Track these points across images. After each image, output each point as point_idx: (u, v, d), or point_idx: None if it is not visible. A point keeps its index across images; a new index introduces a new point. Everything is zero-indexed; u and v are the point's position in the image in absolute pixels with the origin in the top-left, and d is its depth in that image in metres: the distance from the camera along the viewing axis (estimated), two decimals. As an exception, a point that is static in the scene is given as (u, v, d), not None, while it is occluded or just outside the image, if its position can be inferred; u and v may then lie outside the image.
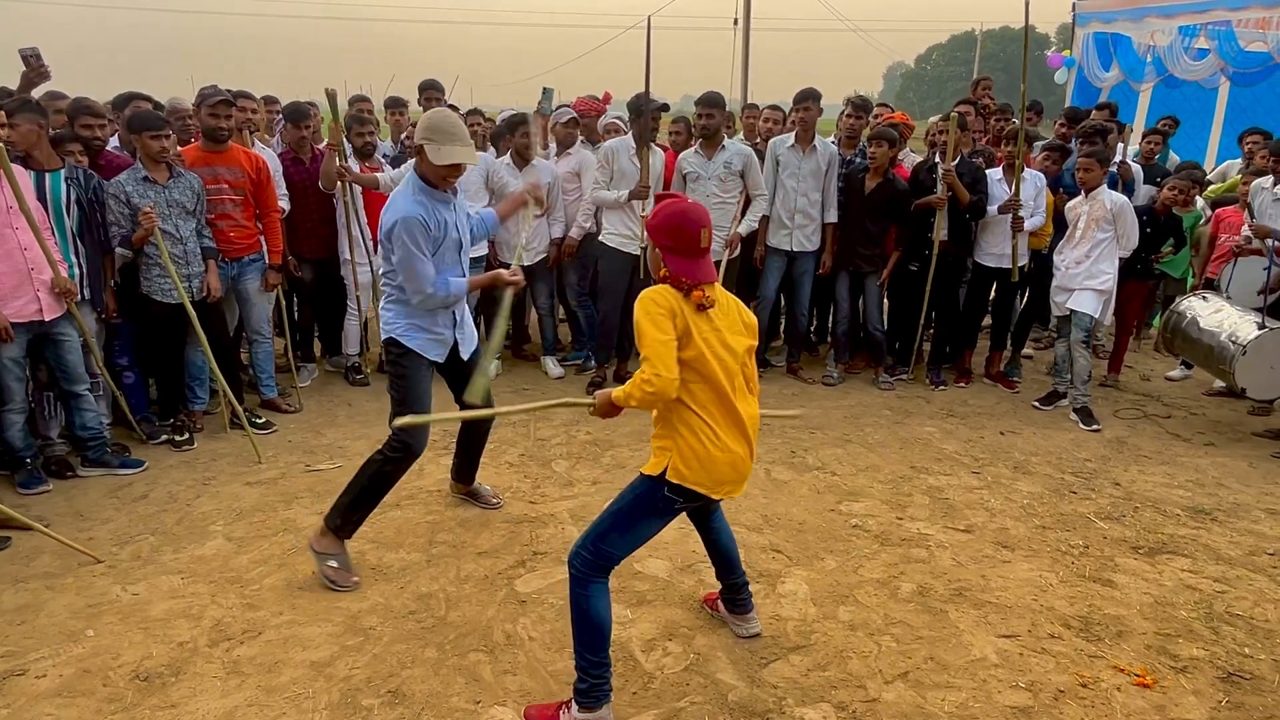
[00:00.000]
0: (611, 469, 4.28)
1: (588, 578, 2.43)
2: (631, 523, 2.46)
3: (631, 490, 2.49)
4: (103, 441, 4.18)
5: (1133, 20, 10.19)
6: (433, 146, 2.98)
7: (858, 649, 2.85)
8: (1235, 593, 3.22)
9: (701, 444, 2.35)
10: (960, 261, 5.51)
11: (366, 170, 5.29)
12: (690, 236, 2.38)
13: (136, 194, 4.19)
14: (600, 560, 2.45)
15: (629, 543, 2.48)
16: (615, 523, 2.46)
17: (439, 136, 3.00)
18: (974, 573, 3.34)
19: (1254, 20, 8.66)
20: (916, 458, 4.50)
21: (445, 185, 3.14)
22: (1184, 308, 5.10)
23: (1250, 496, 4.09)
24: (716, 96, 5.32)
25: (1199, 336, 4.90)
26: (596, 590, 2.44)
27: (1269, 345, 4.55)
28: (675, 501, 2.43)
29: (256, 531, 3.62)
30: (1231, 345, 4.63)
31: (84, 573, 3.27)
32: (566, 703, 2.47)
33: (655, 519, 2.49)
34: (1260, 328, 4.57)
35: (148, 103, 4.98)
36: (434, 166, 3.02)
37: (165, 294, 4.32)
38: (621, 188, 5.21)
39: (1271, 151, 5.15)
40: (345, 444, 4.59)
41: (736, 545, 2.89)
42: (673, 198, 2.51)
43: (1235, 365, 4.57)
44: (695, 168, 5.28)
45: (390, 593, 3.16)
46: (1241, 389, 4.61)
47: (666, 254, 2.41)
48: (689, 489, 2.38)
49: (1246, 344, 4.54)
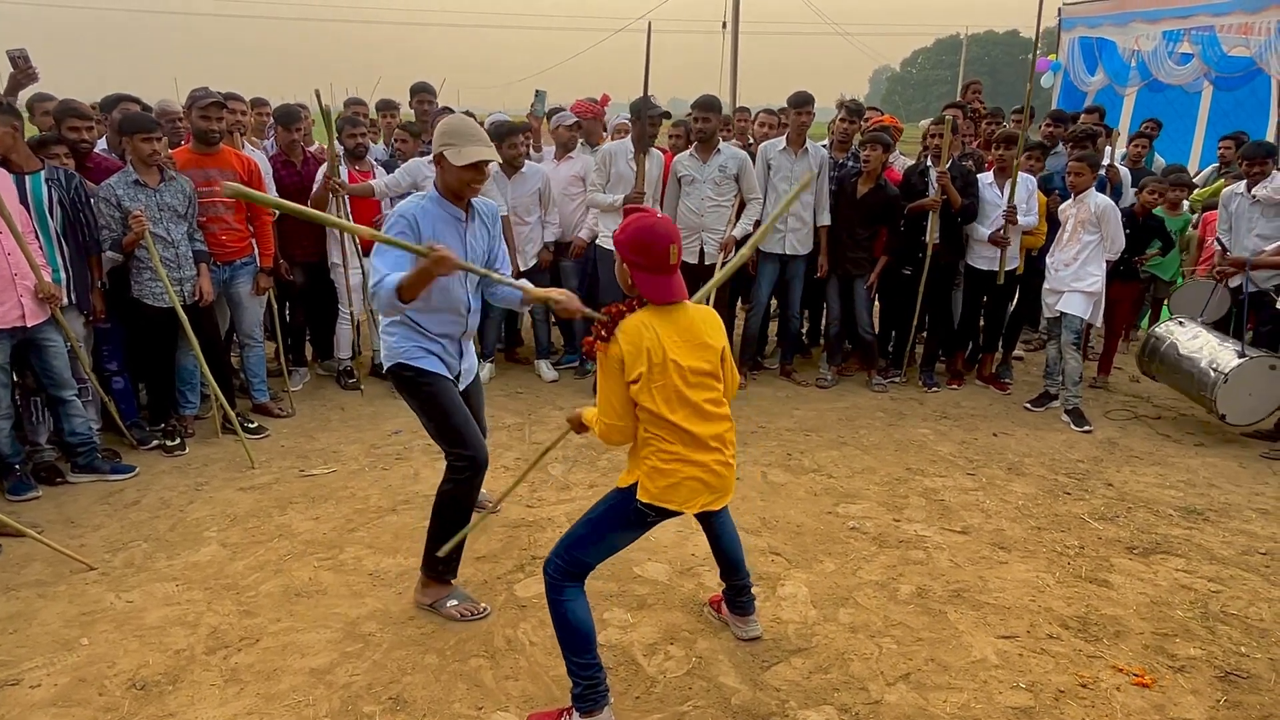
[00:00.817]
0: (608, 472, 4.27)
1: (561, 584, 2.43)
2: (604, 532, 2.46)
3: (605, 501, 2.48)
4: (92, 447, 4.13)
5: (1118, 25, 10.31)
6: (453, 150, 2.80)
7: (859, 651, 2.86)
8: (1230, 592, 3.25)
9: (670, 465, 2.32)
10: (953, 265, 5.55)
11: (357, 174, 5.25)
12: (659, 253, 2.28)
13: (127, 197, 4.14)
14: (572, 568, 2.44)
15: (601, 551, 2.48)
16: (589, 532, 2.45)
17: (458, 139, 2.82)
18: (972, 574, 3.36)
19: (1236, 26, 8.79)
20: (911, 459, 4.52)
21: (470, 192, 2.90)
22: (1163, 333, 5.18)
23: (1241, 496, 4.13)
24: (713, 100, 5.33)
25: (1178, 362, 4.99)
26: (571, 594, 2.43)
27: (1249, 374, 4.64)
28: (647, 515, 2.40)
29: (251, 537, 3.59)
30: (1213, 373, 4.71)
31: (77, 580, 3.23)
32: (568, 709, 2.46)
33: (628, 530, 2.47)
34: (1240, 356, 4.66)
35: (137, 104, 4.94)
36: (455, 171, 2.81)
37: (156, 298, 4.27)
38: (618, 191, 5.20)
39: (1244, 155, 5.21)
40: (339, 448, 4.56)
41: (741, 547, 2.89)
42: (641, 211, 2.41)
43: (1217, 393, 4.66)
44: (690, 171, 5.29)
45: (389, 599, 3.14)
46: (1221, 415, 4.69)
47: (634, 270, 2.32)
48: (659, 506, 2.36)
49: (1228, 372, 4.63)
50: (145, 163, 4.18)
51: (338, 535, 3.62)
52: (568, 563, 2.44)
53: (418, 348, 2.99)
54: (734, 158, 5.27)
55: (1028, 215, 5.36)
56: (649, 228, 2.31)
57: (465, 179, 2.83)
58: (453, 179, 2.84)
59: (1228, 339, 4.88)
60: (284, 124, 5.28)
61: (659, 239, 2.29)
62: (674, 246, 2.30)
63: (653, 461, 2.33)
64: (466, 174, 2.82)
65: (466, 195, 2.92)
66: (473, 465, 2.98)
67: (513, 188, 5.41)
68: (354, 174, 5.25)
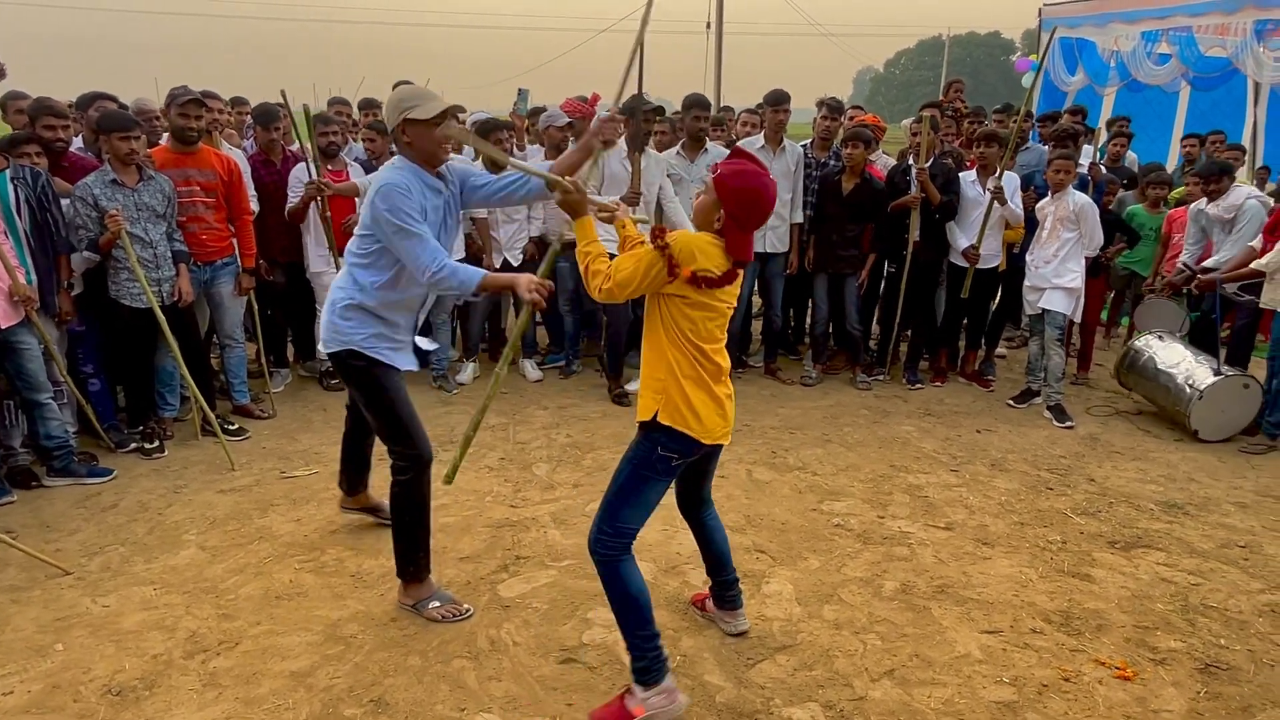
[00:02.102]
0: (593, 471, 4.26)
1: (614, 558, 2.45)
2: (638, 490, 2.47)
3: (627, 462, 2.49)
4: (68, 450, 4.07)
5: (1097, 26, 10.41)
6: (419, 110, 2.67)
7: (843, 648, 2.85)
8: (1209, 585, 3.28)
9: (697, 394, 2.39)
10: (935, 263, 5.57)
11: (330, 174, 5.14)
12: (762, 214, 2.36)
13: (104, 197, 4.08)
14: (621, 537, 2.46)
15: (641, 511, 2.49)
16: (623, 496, 2.47)
17: (418, 99, 2.71)
18: (955, 570, 3.37)
19: (1213, 26, 8.89)
20: (896, 456, 4.53)
21: (443, 153, 2.80)
22: (1141, 346, 5.24)
23: (1220, 490, 4.17)
24: (704, 99, 5.34)
25: (1156, 376, 5.05)
26: (626, 565, 2.46)
27: (1222, 391, 4.72)
28: (672, 459, 2.43)
29: (231, 540, 3.54)
30: (1189, 389, 4.78)
31: (51, 585, 3.18)
32: (627, 690, 2.48)
33: (658, 480, 2.49)
34: (1216, 374, 4.73)
35: (113, 102, 4.87)
36: (426, 129, 2.68)
37: (134, 298, 4.22)
38: (611, 192, 5.19)
39: (1200, 174, 5.29)
40: (321, 449, 4.51)
41: (729, 543, 2.88)
42: (750, 158, 2.41)
43: (1191, 409, 4.73)
44: (679, 170, 5.29)
45: (371, 600, 3.11)
46: (1194, 430, 4.76)
47: (730, 220, 2.32)
48: (681, 434, 2.39)
49: (1204, 389, 4.69)
50: (123, 161, 4.12)
51: (319, 537, 3.58)
52: (614, 533, 2.45)
53: (374, 335, 2.87)
54: (721, 156, 5.26)
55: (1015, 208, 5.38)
56: (764, 187, 2.33)
57: (437, 140, 2.72)
58: (425, 140, 2.71)
59: (1203, 356, 4.95)
60: (262, 124, 5.23)
61: (767, 201, 2.37)
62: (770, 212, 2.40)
63: (681, 388, 2.38)
64: (437, 134, 2.70)
65: (441, 158, 2.80)
66: (417, 464, 2.93)
67: None
68: (327, 173, 5.14)
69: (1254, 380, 4.80)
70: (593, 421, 5.00)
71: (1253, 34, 8.33)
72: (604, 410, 5.20)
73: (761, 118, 5.99)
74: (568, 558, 3.40)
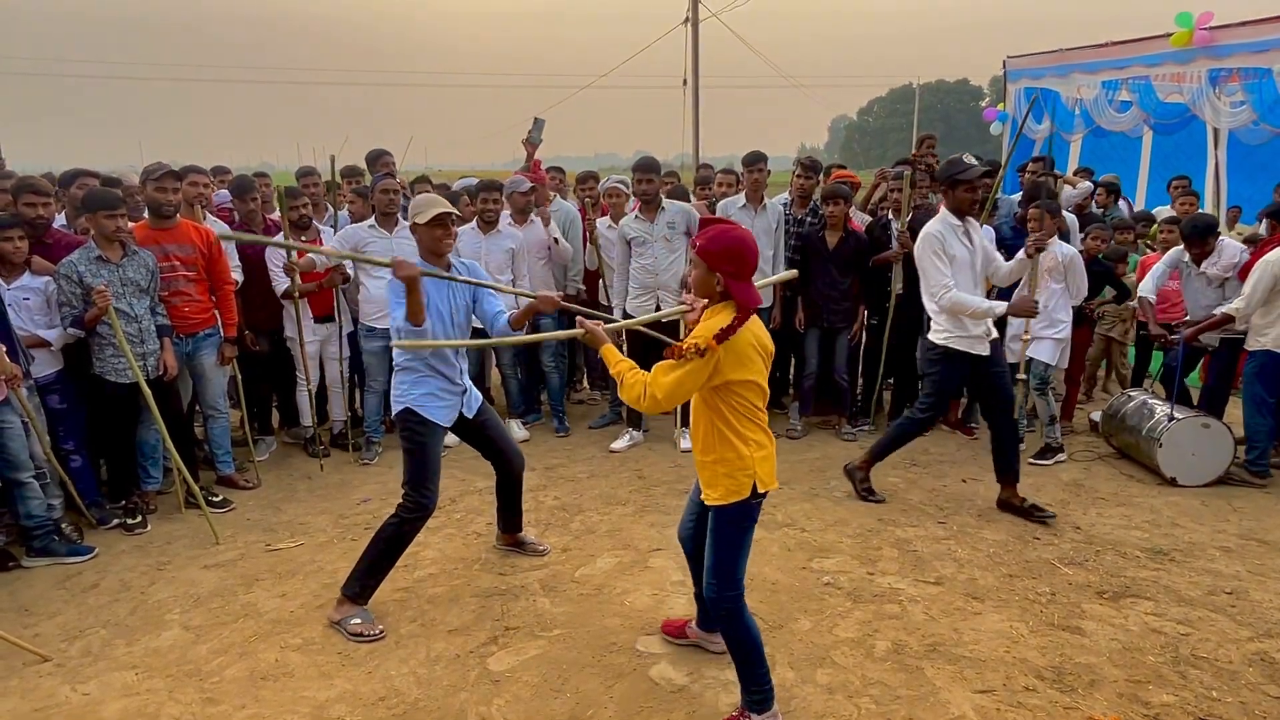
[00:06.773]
0: (581, 535, 4.24)
1: (739, 610, 2.64)
2: (741, 545, 2.67)
3: (723, 525, 2.64)
4: (49, 530, 4.01)
5: (1059, 76, 10.76)
6: (420, 215, 3.36)
7: (838, 712, 2.83)
8: (1199, 634, 3.28)
9: (762, 454, 2.60)
10: (917, 315, 5.64)
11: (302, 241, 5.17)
12: (750, 261, 2.49)
13: (90, 273, 4.10)
14: (740, 589, 2.67)
15: (744, 561, 2.69)
16: (731, 555, 2.64)
17: (423, 207, 3.37)
18: (946, 626, 3.36)
19: (1169, 75, 9.22)
20: (883, 509, 4.55)
21: (443, 248, 3.42)
22: (1117, 404, 5.36)
23: (1204, 535, 4.20)
24: (653, 161, 5.46)
25: (1126, 431, 5.16)
26: (746, 613, 2.67)
27: (1180, 436, 4.79)
28: (757, 507, 2.66)
29: (215, 618, 3.49)
30: (1150, 439, 4.87)
31: (30, 673, 3.11)
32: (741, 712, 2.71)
33: (750, 528, 2.70)
34: (1170, 419, 4.80)
35: (95, 179, 4.92)
36: (424, 230, 3.34)
37: (119, 374, 4.21)
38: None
39: (1183, 233, 5.25)
40: (306, 519, 4.47)
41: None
42: (723, 222, 2.57)
43: (1159, 457, 4.81)
44: (639, 232, 5.37)
45: (358, 678, 3.06)
46: (1171, 478, 4.82)
47: (729, 279, 2.47)
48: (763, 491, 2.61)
49: (1161, 437, 4.78)
50: (109, 239, 4.16)
51: (305, 612, 3.53)
52: (738, 589, 2.65)
53: (425, 394, 3.43)
54: (679, 212, 5.40)
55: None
56: (741, 238, 2.48)
57: (435, 235, 3.36)
58: (425, 238, 3.38)
59: (1159, 402, 5.02)
60: (238, 195, 5.29)
61: (750, 249, 2.48)
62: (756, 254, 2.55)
63: (752, 454, 2.57)
64: (435, 230, 3.35)
65: (442, 252, 3.43)
66: (421, 510, 3.40)
67: (487, 243, 5.48)
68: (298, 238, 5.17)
69: (1213, 420, 4.85)
70: (580, 483, 5.00)
71: (1207, 82, 8.64)
72: (591, 470, 5.19)
73: (739, 177, 6.13)
74: (557, 627, 3.37)
